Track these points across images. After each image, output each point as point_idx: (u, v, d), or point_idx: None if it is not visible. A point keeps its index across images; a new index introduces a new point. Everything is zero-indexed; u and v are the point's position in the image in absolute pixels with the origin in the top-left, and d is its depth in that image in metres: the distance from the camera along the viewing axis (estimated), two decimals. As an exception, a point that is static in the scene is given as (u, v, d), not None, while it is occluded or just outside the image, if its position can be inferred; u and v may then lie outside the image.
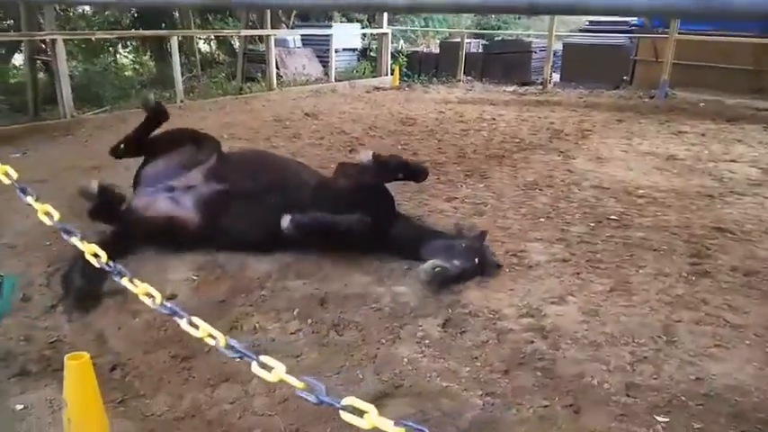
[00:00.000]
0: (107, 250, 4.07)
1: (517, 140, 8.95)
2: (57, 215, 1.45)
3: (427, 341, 3.43)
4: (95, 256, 1.36)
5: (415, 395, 2.96)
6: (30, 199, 1.47)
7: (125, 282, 1.32)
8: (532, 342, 3.44)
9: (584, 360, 3.28)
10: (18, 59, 13.37)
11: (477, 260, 4.19)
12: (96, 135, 8.85)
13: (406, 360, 3.24)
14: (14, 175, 1.50)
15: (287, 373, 1.22)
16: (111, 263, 1.36)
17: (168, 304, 1.29)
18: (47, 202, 4.93)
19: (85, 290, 3.78)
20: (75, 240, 1.39)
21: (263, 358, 1.17)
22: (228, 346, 1.20)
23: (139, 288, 1.31)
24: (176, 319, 1.25)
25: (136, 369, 3.12)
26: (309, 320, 3.61)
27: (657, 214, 5.63)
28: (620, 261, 4.57)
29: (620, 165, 7.52)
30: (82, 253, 4.02)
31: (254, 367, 1.16)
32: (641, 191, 6.36)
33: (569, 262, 4.53)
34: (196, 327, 1.24)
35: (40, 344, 3.34)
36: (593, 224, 5.35)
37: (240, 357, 1.18)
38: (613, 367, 3.21)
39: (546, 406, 2.90)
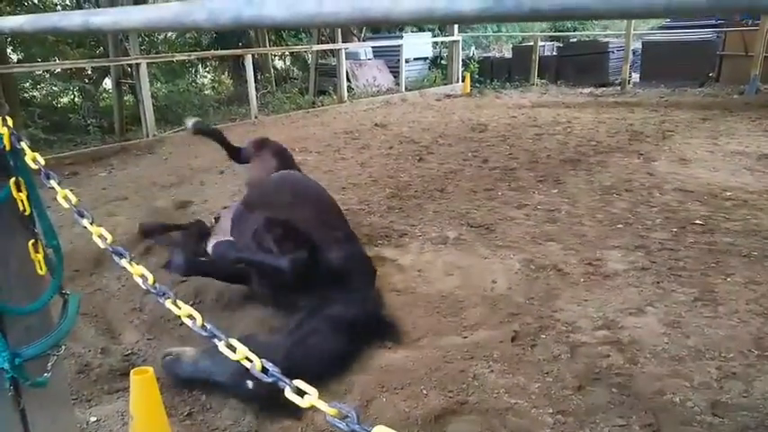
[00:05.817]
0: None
1: (593, 143, 8.66)
2: (110, 238, 1.48)
3: (495, 355, 3.31)
4: (142, 277, 1.38)
5: (481, 412, 2.84)
6: (85, 222, 1.51)
7: (168, 303, 1.33)
8: (608, 356, 3.26)
9: (664, 376, 3.06)
10: (108, 84, 14.18)
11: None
12: (175, 153, 9.31)
13: (472, 375, 3.13)
14: (73, 199, 1.55)
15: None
16: (156, 285, 1.38)
17: (208, 326, 1.29)
18: (127, 218, 5.04)
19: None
20: (124, 262, 1.42)
21: (296, 382, 1.14)
22: (264, 370, 1.18)
23: (182, 310, 1.31)
24: (215, 341, 1.24)
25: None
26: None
27: (747, 218, 5.26)
28: (706, 269, 4.28)
29: (706, 166, 7.10)
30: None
31: (288, 392, 1.14)
32: (729, 193, 5.97)
33: (649, 270, 4.29)
34: (233, 349, 1.23)
35: (116, 356, 3.46)
36: (675, 230, 5.06)
37: (275, 381, 1.16)
38: (698, 384, 2.98)
39: (622, 425, 2.72)
